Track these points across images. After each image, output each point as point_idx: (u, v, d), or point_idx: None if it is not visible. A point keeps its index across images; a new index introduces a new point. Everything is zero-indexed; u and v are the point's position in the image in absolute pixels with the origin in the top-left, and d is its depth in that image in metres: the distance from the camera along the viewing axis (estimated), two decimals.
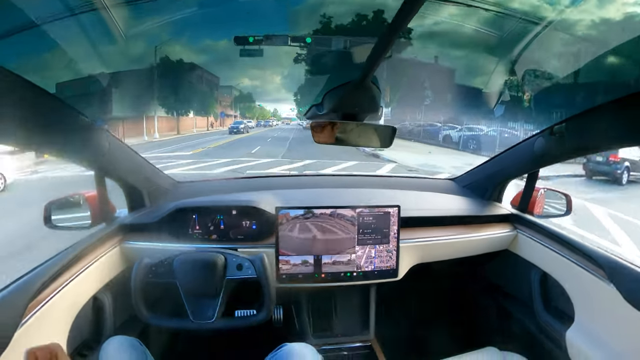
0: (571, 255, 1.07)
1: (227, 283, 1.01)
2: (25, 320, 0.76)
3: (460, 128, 12.34)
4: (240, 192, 1.38)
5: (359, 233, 1.16)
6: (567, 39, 1.06)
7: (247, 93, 22.23)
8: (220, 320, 1.00)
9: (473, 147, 11.26)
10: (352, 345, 1.27)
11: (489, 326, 1.47)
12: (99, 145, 0.97)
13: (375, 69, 0.69)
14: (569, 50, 1.10)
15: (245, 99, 21.84)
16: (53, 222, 1.14)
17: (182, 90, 12.27)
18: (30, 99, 0.70)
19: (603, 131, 0.89)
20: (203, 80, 14.16)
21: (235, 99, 21.55)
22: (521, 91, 1.31)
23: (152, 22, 1.14)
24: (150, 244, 1.16)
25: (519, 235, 1.31)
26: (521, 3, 1.03)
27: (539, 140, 1.11)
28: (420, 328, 1.52)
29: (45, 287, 0.83)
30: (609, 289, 0.91)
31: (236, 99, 21.65)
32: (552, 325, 1.09)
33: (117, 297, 1.09)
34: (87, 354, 0.95)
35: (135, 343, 0.88)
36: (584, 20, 0.99)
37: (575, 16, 1.00)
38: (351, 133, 0.90)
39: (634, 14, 0.95)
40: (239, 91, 21.48)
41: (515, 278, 1.31)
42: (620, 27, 0.97)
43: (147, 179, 1.31)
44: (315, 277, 1.16)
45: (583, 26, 1.00)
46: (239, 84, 20.51)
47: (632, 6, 0.97)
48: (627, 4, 0.98)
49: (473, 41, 1.25)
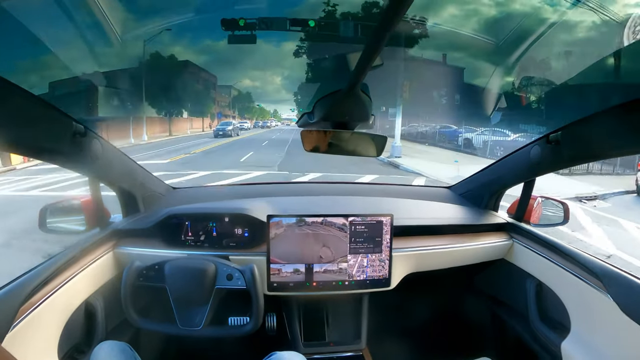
0: (567, 265, 1.05)
1: (217, 292, 1.01)
2: (17, 323, 0.76)
3: (480, 131, 11.30)
4: (234, 199, 1.38)
5: (351, 242, 1.15)
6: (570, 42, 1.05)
7: (246, 93, 21.45)
8: (208, 328, 0.99)
9: (502, 154, 10.51)
10: (344, 355, 1.26)
11: (483, 336, 1.45)
12: (93, 150, 0.98)
13: (363, 77, 0.68)
14: (569, 58, 1.09)
15: (244, 99, 20.99)
16: (48, 226, 1.14)
17: (174, 89, 11.48)
18: (22, 105, 0.70)
19: (600, 139, 0.88)
20: (197, 79, 13.25)
21: (233, 99, 20.52)
22: (528, 96, 1.29)
23: (148, 23, 1.14)
24: (144, 249, 1.16)
25: (515, 244, 1.29)
26: (521, 5, 1.03)
27: (535, 148, 1.10)
28: (414, 338, 1.50)
29: (37, 291, 0.84)
30: (606, 300, 0.90)
31: (235, 99, 20.75)
32: (548, 335, 1.07)
33: (109, 301, 1.09)
34: (78, 358, 0.95)
35: (126, 348, 0.87)
36: (584, 23, 0.99)
37: (577, 17, 1.00)
38: (342, 141, 0.90)
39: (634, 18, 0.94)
40: (237, 91, 20.57)
41: (511, 287, 1.29)
42: (616, 35, 0.96)
43: (141, 185, 1.31)
44: (307, 285, 1.15)
45: (582, 31, 0.99)
46: (237, 83, 19.85)
47: (633, 7, 0.96)
48: (627, 5, 0.97)
49: (471, 45, 1.25)
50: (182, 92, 12.59)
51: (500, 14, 1.07)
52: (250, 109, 22.79)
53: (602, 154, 1.05)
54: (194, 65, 8.71)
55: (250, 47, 1.92)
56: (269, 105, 24.37)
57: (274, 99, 23.47)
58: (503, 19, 1.07)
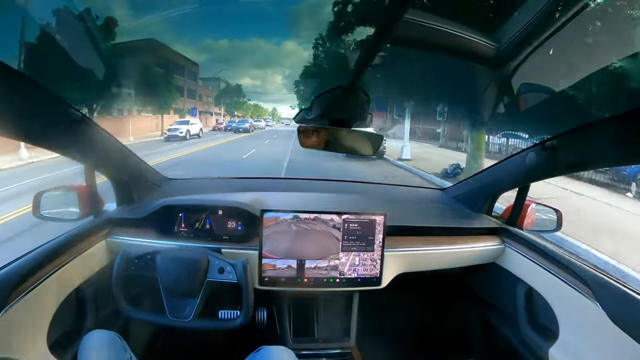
0: (558, 271, 1.06)
1: (208, 284, 1.01)
2: (7, 309, 0.76)
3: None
4: (229, 192, 1.38)
5: (344, 239, 1.16)
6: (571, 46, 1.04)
7: (236, 85, 17.65)
8: (197, 320, 0.99)
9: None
10: (332, 351, 1.26)
11: (471, 339, 1.45)
12: (89, 138, 0.98)
13: (362, 75, 0.68)
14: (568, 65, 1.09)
15: (232, 92, 16.99)
16: (41, 213, 1.14)
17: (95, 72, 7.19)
18: (21, 91, 0.70)
19: (596, 148, 0.88)
20: (151, 60, 8.33)
21: (221, 92, 16.45)
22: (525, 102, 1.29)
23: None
24: (136, 239, 1.16)
25: (507, 249, 1.30)
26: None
27: (531, 154, 1.10)
28: (402, 337, 1.51)
29: (28, 277, 0.84)
30: (595, 308, 0.90)
31: (222, 93, 17.18)
32: (536, 341, 1.08)
33: (100, 290, 1.09)
34: (67, 345, 0.95)
35: (115, 337, 0.88)
36: (584, 32, 0.99)
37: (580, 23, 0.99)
38: (339, 139, 0.90)
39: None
40: (225, 83, 16.51)
41: (501, 292, 1.30)
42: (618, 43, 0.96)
43: (136, 174, 1.31)
44: (298, 281, 1.15)
45: (583, 38, 0.99)
46: (221, 72, 15.74)
47: (634, 9, 0.96)
48: (630, 12, 0.97)
49: (469, 49, 1.25)
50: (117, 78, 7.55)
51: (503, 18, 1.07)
52: (239, 104, 18.68)
53: (597, 163, 1.05)
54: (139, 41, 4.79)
55: (251, 47, 1.79)
56: (268, 104, 22.65)
57: (276, 99, 22.66)
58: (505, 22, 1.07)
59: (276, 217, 1.13)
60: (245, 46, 18.35)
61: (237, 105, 18.66)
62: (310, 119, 0.89)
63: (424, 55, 1.63)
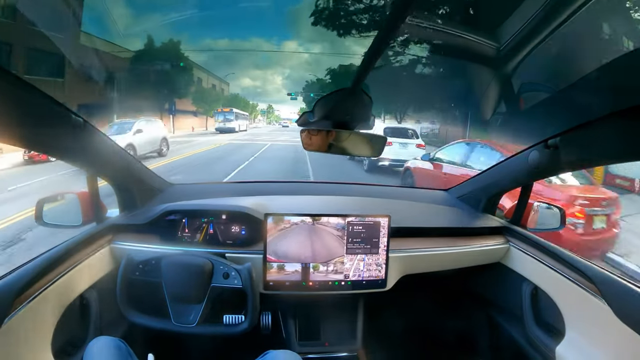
0: (563, 269, 1.06)
1: (212, 290, 1.00)
2: (11, 316, 0.75)
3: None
4: (232, 196, 1.37)
5: (348, 242, 1.15)
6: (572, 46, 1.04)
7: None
8: (202, 325, 0.99)
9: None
10: (338, 355, 1.25)
11: (478, 339, 1.45)
12: (91, 144, 0.97)
13: (365, 77, 0.68)
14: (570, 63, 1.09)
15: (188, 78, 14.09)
16: (44, 220, 1.14)
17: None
18: (22, 97, 0.69)
19: (599, 146, 0.88)
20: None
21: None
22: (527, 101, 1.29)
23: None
24: (140, 245, 1.16)
25: (512, 248, 1.29)
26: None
27: (533, 153, 1.10)
28: (409, 339, 1.50)
29: (32, 284, 0.83)
30: (601, 305, 0.90)
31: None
32: (542, 340, 1.08)
33: (104, 296, 1.08)
34: (72, 352, 0.95)
35: (120, 344, 0.87)
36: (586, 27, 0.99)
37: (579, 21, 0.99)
38: (342, 141, 0.90)
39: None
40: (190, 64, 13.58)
41: (507, 291, 1.29)
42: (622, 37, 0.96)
43: (139, 180, 1.31)
44: (303, 285, 1.15)
45: (585, 33, 0.99)
46: (227, 75, 15.44)
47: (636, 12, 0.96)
48: (633, 10, 0.97)
49: (471, 50, 1.25)
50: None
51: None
52: (204, 94, 16.01)
53: (600, 161, 1.05)
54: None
55: (251, 46, 1.77)
56: (267, 104, 21.67)
57: (277, 99, 22.49)
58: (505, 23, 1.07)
59: (280, 221, 1.13)
60: (245, 46, 18.68)
61: (200, 97, 16.48)
62: (313, 121, 0.89)
63: (423, 58, 1.63)
